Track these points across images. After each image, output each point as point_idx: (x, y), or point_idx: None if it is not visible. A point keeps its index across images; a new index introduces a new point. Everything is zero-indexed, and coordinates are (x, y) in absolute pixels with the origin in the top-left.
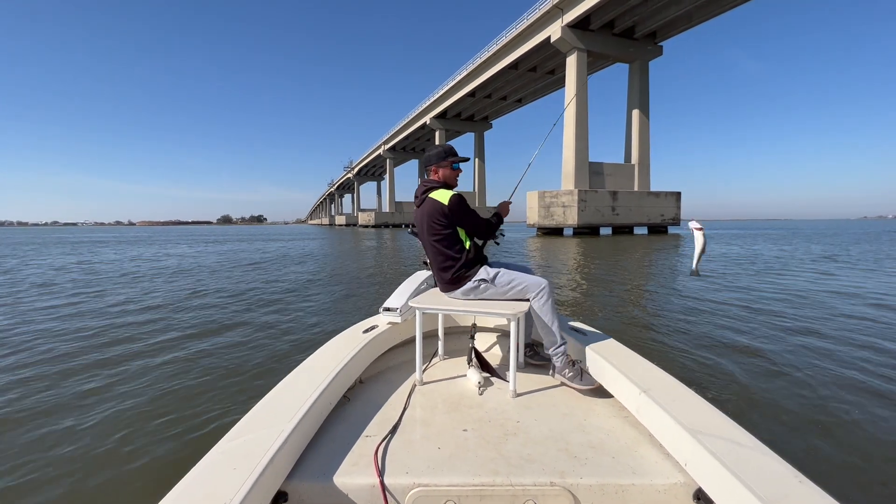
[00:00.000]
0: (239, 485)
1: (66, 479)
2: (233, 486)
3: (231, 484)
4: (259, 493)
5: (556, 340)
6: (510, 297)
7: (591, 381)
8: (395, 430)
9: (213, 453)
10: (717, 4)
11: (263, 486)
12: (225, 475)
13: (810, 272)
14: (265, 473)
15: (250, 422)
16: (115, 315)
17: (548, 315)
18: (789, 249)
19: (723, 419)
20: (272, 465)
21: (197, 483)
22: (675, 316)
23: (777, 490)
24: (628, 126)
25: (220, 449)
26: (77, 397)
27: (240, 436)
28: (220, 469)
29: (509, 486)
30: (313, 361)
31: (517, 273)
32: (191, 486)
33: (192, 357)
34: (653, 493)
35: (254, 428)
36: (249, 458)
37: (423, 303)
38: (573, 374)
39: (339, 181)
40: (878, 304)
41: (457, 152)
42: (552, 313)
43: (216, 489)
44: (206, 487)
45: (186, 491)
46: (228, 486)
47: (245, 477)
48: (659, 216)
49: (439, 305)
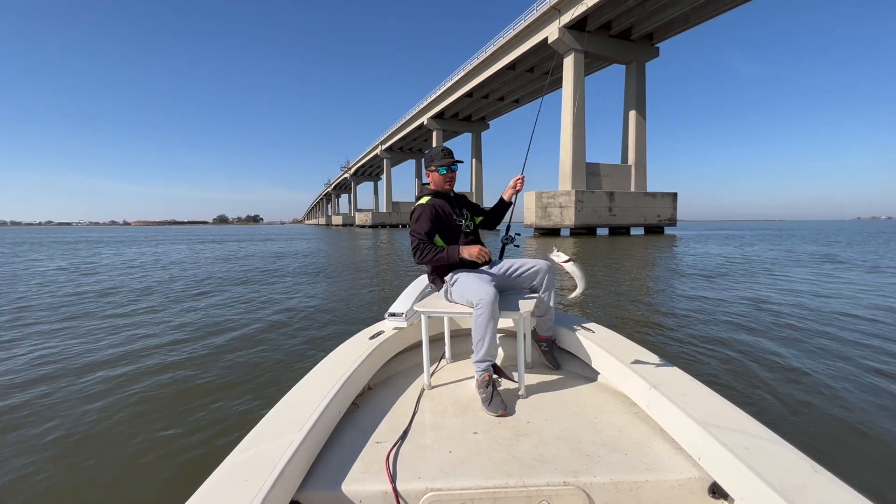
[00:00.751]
0: (251, 497)
1: (70, 494)
2: (245, 498)
3: (244, 496)
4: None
5: (479, 357)
6: (468, 304)
7: (498, 407)
8: (405, 435)
9: (225, 466)
10: (715, 6)
11: (276, 497)
12: (237, 487)
13: (817, 273)
14: (277, 484)
15: (260, 432)
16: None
17: (478, 329)
18: (797, 250)
19: (735, 411)
20: (284, 476)
21: (209, 496)
22: (679, 313)
23: (793, 480)
24: (625, 127)
25: (232, 461)
26: (82, 401)
27: (251, 447)
28: (233, 481)
29: (523, 487)
30: (321, 369)
31: (471, 282)
32: (203, 499)
33: (201, 367)
34: (667, 489)
35: (264, 439)
36: (261, 469)
37: (428, 306)
38: (485, 397)
39: (336, 181)
40: (878, 305)
41: (448, 154)
42: (484, 328)
43: (229, 501)
44: (219, 501)
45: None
46: (241, 498)
47: (257, 489)
48: (655, 217)
49: (444, 308)
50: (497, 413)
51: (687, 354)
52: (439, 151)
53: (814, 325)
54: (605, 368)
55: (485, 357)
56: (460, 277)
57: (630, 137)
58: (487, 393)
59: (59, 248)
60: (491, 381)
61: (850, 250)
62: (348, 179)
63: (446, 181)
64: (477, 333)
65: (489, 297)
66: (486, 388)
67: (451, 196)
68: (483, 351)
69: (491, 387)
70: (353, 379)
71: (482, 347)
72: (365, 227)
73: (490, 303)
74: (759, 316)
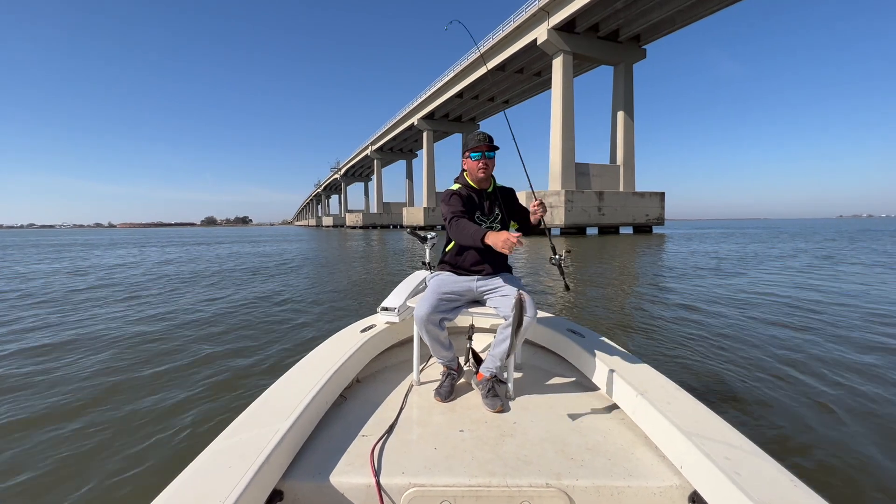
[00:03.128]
0: (234, 483)
1: (56, 481)
2: (228, 485)
3: (226, 482)
4: (254, 491)
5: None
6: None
7: (441, 395)
8: (391, 429)
9: (208, 452)
10: (701, 8)
11: (259, 485)
12: (220, 474)
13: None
14: (260, 472)
15: (246, 420)
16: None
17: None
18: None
19: (719, 422)
20: (268, 464)
21: (191, 482)
22: (668, 315)
23: (772, 493)
24: (613, 127)
25: (216, 447)
26: (78, 396)
27: (235, 434)
28: (215, 468)
29: (505, 487)
30: (310, 360)
31: (429, 290)
32: (185, 484)
33: (194, 357)
34: (648, 496)
35: (250, 426)
36: (245, 456)
37: None
38: (438, 384)
39: (326, 182)
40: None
41: (484, 139)
42: (425, 337)
43: (211, 488)
44: (201, 486)
45: (180, 490)
46: (223, 485)
47: (240, 476)
48: (644, 216)
49: None
50: (437, 398)
51: (674, 361)
52: (476, 135)
53: (812, 323)
54: (594, 373)
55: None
56: (433, 280)
57: (618, 138)
58: (441, 381)
59: (56, 251)
60: (448, 372)
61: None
62: (338, 180)
63: (479, 169)
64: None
65: (418, 317)
66: (441, 377)
67: (489, 191)
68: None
69: (444, 377)
70: (342, 371)
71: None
72: (356, 227)
73: (418, 321)
74: (748, 320)
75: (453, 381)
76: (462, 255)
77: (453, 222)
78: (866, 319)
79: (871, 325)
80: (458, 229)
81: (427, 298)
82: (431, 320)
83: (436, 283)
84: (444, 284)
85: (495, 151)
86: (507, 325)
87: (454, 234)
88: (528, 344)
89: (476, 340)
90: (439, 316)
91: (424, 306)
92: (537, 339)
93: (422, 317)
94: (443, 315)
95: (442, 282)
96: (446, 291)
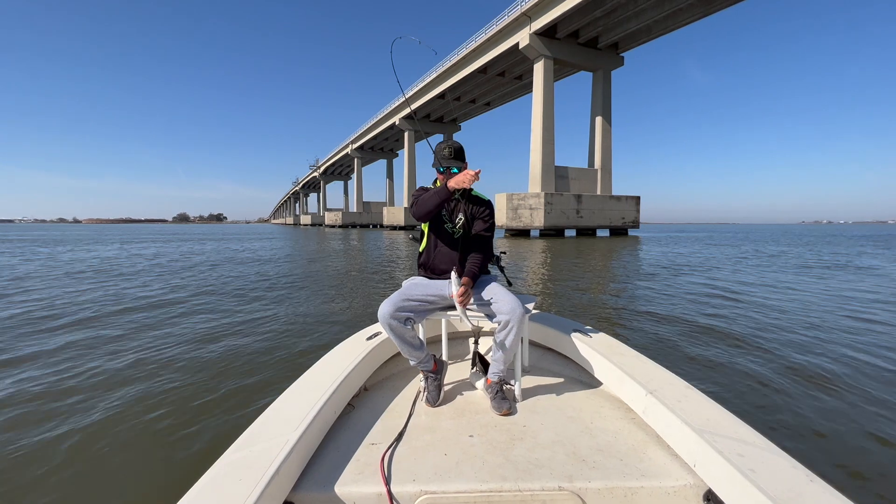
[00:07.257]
0: (245, 496)
1: (61, 496)
2: (239, 498)
3: (237, 495)
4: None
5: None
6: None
7: (429, 399)
8: (400, 437)
9: (219, 465)
10: (674, 19)
11: (269, 497)
12: (230, 487)
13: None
14: (271, 484)
15: (255, 432)
16: None
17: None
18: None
19: (731, 419)
20: (278, 476)
21: (202, 496)
22: (653, 309)
23: (788, 489)
24: (591, 132)
25: (226, 460)
26: (84, 399)
27: (245, 446)
28: (226, 481)
29: (518, 491)
30: (317, 370)
31: (397, 292)
32: (196, 499)
33: (199, 364)
34: (662, 496)
35: (259, 438)
36: (255, 468)
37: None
38: (422, 389)
39: (305, 180)
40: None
41: (452, 154)
42: (392, 340)
43: (222, 501)
44: (212, 500)
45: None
46: (234, 498)
47: (251, 488)
48: (620, 219)
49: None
50: (427, 405)
51: (672, 354)
52: (444, 149)
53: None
54: (602, 373)
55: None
56: (405, 282)
57: (597, 142)
58: (424, 387)
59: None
60: (426, 375)
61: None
62: (317, 178)
63: (443, 181)
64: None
65: (380, 316)
66: (422, 382)
67: (456, 196)
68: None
69: (425, 381)
70: (350, 379)
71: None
72: (335, 227)
73: (380, 320)
74: (744, 312)
75: (436, 382)
76: (432, 258)
77: (415, 203)
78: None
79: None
80: (421, 203)
81: (391, 298)
82: (396, 317)
83: (407, 284)
84: (414, 287)
85: (461, 167)
86: (501, 329)
87: (418, 211)
88: (535, 346)
89: (482, 344)
90: (404, 315)
91: (387, 306)
92: (543, 340)
93: (383, 315)
94: (408, 315)
95: (414, 284)
96: (415, 294)
